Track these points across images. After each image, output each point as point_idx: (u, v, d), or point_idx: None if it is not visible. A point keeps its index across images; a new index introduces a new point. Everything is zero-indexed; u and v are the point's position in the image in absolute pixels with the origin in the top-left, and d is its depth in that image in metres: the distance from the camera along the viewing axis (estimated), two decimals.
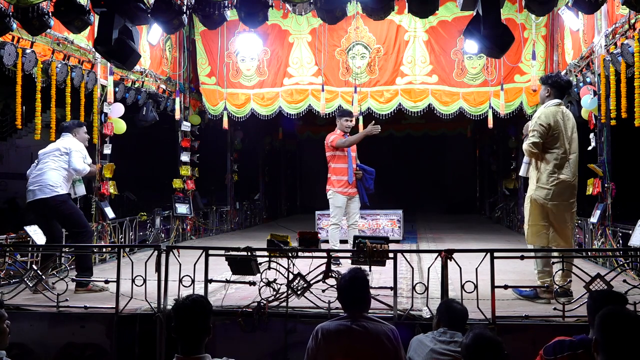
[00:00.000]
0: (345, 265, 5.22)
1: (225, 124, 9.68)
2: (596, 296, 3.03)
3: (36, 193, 5.28)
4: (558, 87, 4.77)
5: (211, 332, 2.62)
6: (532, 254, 4.68)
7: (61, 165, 5.39)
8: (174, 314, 2.64)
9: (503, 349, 2.61)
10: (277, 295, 4.24)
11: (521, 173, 5.03)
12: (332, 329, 3.12)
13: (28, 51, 5.76)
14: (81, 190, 6.00)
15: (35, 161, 5.50)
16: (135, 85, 8.11)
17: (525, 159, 4.90)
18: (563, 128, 4.63)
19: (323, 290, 4.16)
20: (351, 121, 6.71)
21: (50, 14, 4.84)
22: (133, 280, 4.36)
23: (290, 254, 4.29)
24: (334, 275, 4.18)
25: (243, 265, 4.30)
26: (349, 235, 6.41)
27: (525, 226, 4.80)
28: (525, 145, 4.72)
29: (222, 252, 4.38)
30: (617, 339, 2.22)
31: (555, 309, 4.04)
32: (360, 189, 6.60)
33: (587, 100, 6.68)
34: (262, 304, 4.18)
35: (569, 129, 4.67)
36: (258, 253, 4.34)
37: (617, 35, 6.08)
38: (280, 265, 4.29)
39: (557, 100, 4.74)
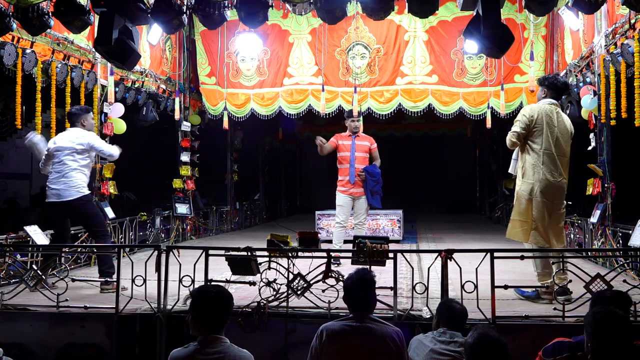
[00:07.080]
0: (345, 265, 5.21)
1: (225, 124, 9.68)
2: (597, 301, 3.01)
3: (61, 195, 5.22)
4: (554, 88, 4.77)
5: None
6: (532, 254, 4.67)
7: (82, 164, 5.33)
8: (197, 301, 2.87)
9: (508, 350, 2.57)
10: (277, 295, 4.24)
11: (510, 170, 5.04)
12: (337, 329, 3.10)
13: (28, 51, 5.76)
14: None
15: (46, 157, 5.36)
16: (135, 85, 8.10)
17: (514, 155, 4.93)
18: (548, 126, 4.59)
19: (323, 290, 4.16)
20: (356, 121, 6.81)
21: (50, 14, 4.83)
22: (133, 280, 4.36)
23: (290, 254, 4.29)
24: (333, 275, 4.18)
25: (243, 265, 4.30)
26: (352, 235, 6.42)
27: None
28: (507, 135, 4.76)
29: (222, 252, 4.37)
30: (610, 342, 2.23)
31: (555, 309, 4.04)
32: (366, 191, 6.62)
33: (587, 100, 6.67)
34: (262, 304, 4.18)
35: (560, 129, 4.64)
36: (258, 253, 4.33)
37: (617, 35, 6.07)
38: (280, 265, 4.29)
39: (551, 100, 4.73)
